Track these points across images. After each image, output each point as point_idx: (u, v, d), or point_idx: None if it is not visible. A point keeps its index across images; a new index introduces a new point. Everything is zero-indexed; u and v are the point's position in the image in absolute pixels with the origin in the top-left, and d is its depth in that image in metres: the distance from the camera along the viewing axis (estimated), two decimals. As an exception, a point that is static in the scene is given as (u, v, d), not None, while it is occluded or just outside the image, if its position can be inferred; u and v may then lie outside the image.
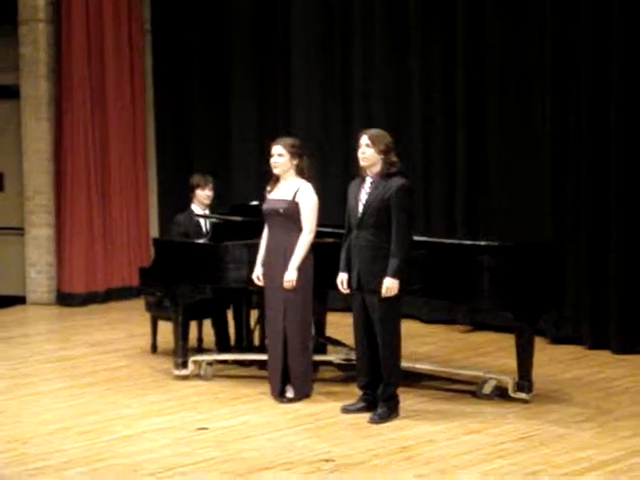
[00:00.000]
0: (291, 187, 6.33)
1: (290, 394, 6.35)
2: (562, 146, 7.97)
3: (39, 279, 10.12)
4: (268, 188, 6.43)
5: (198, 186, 7.57)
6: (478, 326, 8.49)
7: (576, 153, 7.86)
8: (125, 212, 10.31)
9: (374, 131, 6.04)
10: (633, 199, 7.58)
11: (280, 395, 6.36)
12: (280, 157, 6.33)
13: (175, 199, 9.89)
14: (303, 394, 6.35)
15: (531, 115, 8.18)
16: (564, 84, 7.89)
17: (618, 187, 7.59)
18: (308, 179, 6.35)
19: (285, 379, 6.35)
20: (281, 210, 6.27)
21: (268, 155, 6.40)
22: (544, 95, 8.03)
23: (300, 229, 6.26)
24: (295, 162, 6.34)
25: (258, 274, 6.44)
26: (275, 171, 6.37)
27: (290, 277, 6.23)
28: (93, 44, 9.97)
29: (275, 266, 6.32)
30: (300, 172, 6.35)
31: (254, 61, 10.04)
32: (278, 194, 6.37)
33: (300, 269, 6.23)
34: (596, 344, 7.75)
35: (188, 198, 7.65)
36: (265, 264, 6.40)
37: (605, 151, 7.66)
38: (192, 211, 7.58)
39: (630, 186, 7.58)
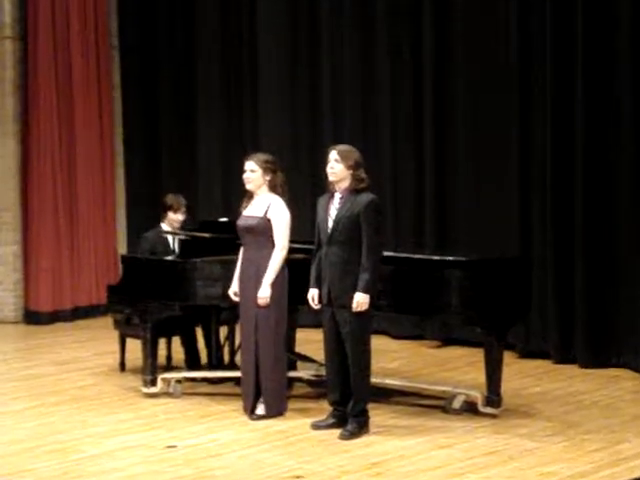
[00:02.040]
0: (263, 203, 6.33)
1: (261, 411, 6.33)
2: (528, 160, 8.05)
3: (5, 297, 10.03)
4: (243, 204, 6.43)
5: (171, 207, 7.54)
6: (447, 341, 8.53)
7: (542, 166, 7.93)
8: (92, 229, 10.26)
9: (343, 147, 6.07)
10: (599, 213, 7.66)
11: (251, 412, 6.34)
12: (252, 173, 6.33)
13: (143, 216, 9.88)
14: (275, 411, 6.33)
15: (498, 133, 8.25)
16: (530, 112, 7.98)
17: (584, 201, 7.67)
18: (282, 195, 6.35)
19: (257, 396, 6.33)
20: (253, 226, 6.27)
21: (241, 171, 6.40)
22: (511, 119, 8.11)
23: (273, 245, 6.26)
24: (268, 178, 6.34)
25: (234, 290, 6.43)
26: (247, 187, 6.37)
27: (264, 294, 6.22)
28: (60, 61, 9.94)
29: (248, 282, 6.31)
30: (273, 188, 6.35)
31: (222, 78, 10.07)
32: (251, 210, 6.37)
33: (273, 285, 6.22)
34: (563, 358, 7.81)
35: (158, 216, 7.62)
36: (239, 280, 6.39)
37: (570, 164, 7.74)
38: (161, 229, 7.56)
39: (597, 199, 7.66)
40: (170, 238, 7.51)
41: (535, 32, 7.92)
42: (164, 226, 7.55)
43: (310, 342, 7.48)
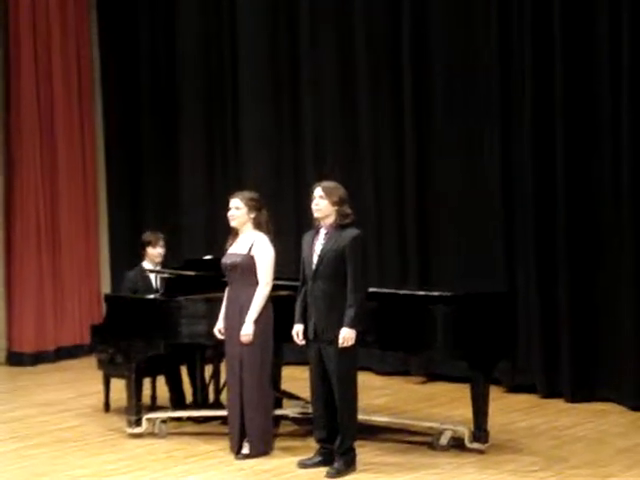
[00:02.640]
0: (247, 240, 6.33)
1: (246, 450, 6.28)
2: (510, 197, 8.08)
3: (-12, 339, 9.95)
4: (228, 242, 6.43)
5: (149, 244, 7.53)
6: (432, 377, 8.51)
7: (523, 204, 7.97)
8: (76, 269, 10.22)
9: (327, 183, 6.09)
10: (584, 249, 7.69)
11: (237, 451, 6.28)
12: (237, 210, 6.34)
13: (126, 255, 9.85)
14: (260, 451, 6.27)
15: (478, 167, 8.31)
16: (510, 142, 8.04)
17: (567, 236, 7.70)
18: (267, 232, 6.36)
19: (243, 435, 6.28)
20: (237, 263, 6.26)
21: (225, 207, 6.40)
22: (493, 146, 8.17)
23: (257, 282, 6.25)
24: (252, 215, 6.35)
25: (220, 327, 6.40)
26: (232, 224, 6.37)
27: (247, 331, 6.19)
28: (42, 94, 9.91)
29: (232, 320, 6.28)
30: (258, 225, 6.36)
31: (203, 113, 10.09)
32: (236, 248, 6.36)
33: (258, 322, 6.20)
34: (550, 393, 7.81)
35: (139, 255, 7.61)
36: (225, 318, 6.37)
37: (552, 199, 7.78)
38: (142, 267, 7.53)
39: (580, 232, 7.69)
40: (152, 276, 7.49)
41: (515, 39, 7.98)
42: (146, 264, 7.53)
43: (295, 379, 7.44)
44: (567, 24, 7.64)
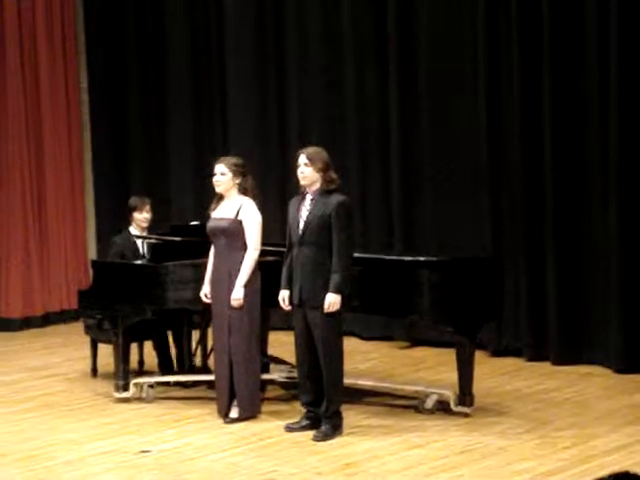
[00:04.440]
0: (234, 205, 6.33)
1: (234, 414, 6.33)
2: (498, 157, 8.08)
3: (-24, 304, 9.94)
4: (212, 207, 6.42)
5: (135, 209, 7.52)
6: (417, 342, 8.56)
7: (512, 166, 7.98)
8: (62, 235, 10.21)
9: (312, 149, 6.08)
10: (570, 210, 7.72)
11: (225, 415, 6.33)
12: (223, 176, 6.34)
13: (112, 221, 9.84)
14: (248, 414, 6.33)
15: (466, 129, 8.30)
16: (497, 105, 8.04)
17: (554, 198, 7.72)
18: (253, 198, 6.35)
19: (231, 399, 6.32)
20: (224, 228, 6.27)
21: (211, 174, 6.39)
22: (480, 118, 8.16)
23: (244, 247, 6.26)
24: (238, 181, 6.34)
25: (206, 292, 6.42)
26: (217, 189, 6.36)
27: (237, 295, 6.21)
28: (27, 68, 9.86)
29: (220, 285, 6.30)
30: (243, 191, 6.35)
31: (190, 81, 10.05)
32: (221, 212, 6.36)
33: (246, 287, 6.22)
34: (535, 356, 7.86)
35: (126, 220, 7.60)
36: (211, 282, 6.38)
37: (539, 162, 7.79)
38: (129, 233, 7.53)
39: (567, 199, 7.72)
40: (139, 242, 7.49)
41: (502, 29, 7.97)
42: (132, 230, 7.53)
43: (282, 344, 7.48)
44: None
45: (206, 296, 6.41)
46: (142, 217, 7.50)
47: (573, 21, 7.61)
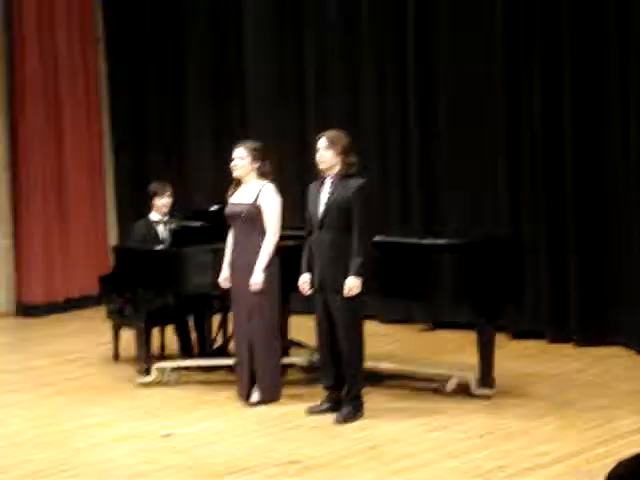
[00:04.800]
0: (253, 190, 6.33)
1: (256, 397, 6.35)
2: (517, 135, 8.02)
3: (-2, 290, 10.01)
4: (229, 192, 6.43)
5: (155, 194, 7.54)
6: (437, 325, 8.54)
7: (532, 146, 7.93)
8: (83, 220, 10.24)
9: (332, 133, 6.06)
10: (590, 193, 7.67)
11: (247, 399, 6.35)
12: (241, 160, 6.33)
13: (133, 206, 9.86)
14: (269, 398, 6.35)
15: (486, 111, 8.25)
16: (516, 90, 7.98)
17: (575, 178, 7.68)
18: (272, 182, 6.35)
19: (252, 382, 6.34)
20: (243, 213, 6.27)
21: (230, 159, 6.39)
22: (497, 102, 8.11)
23: (263, 231, 6.26)
24: (256, 165, 6.34)
25: (225, 276, 6.43)
26: (235, 174, 6.36)
27: (257, 279, 6.22)
28: (46, 54, 9.87)
29: (240, 269, 6.31)
30: (262, 175, 6.35)
31: (209, 70, 10.03)
32: (240, 197, 6.36)
33: (265, 271, 6.23)
34: (557, 338, 7.83)
35: (147, 206, 7.62)
36: (230, 267, 6.39)
37: (561, 146, 7.74)
38: (150, 219, 7.55)
39: (587, 178, 7.67)
40: (160, 228, 7.51)
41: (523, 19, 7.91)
42: (153, 215, 7.55)
43: (303, 328, 7.49)
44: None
45: (225, 281, 6.43)
46: (163, 203, 7.52)
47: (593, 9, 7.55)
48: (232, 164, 6.36)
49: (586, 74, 7.61)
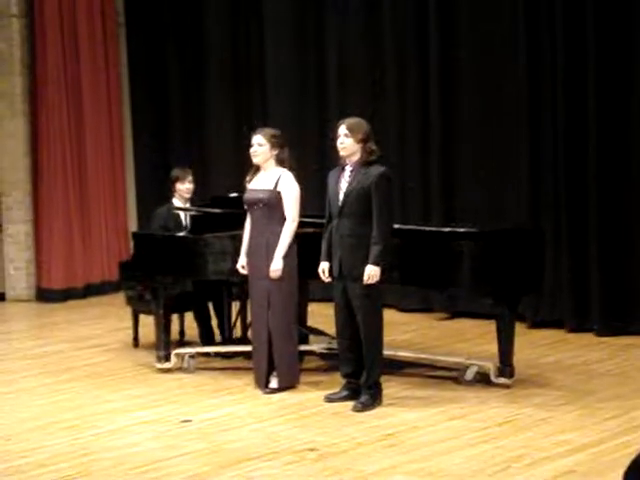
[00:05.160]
0: (272, 176, 6.32)
1: (274, 384, 6.36)
2: (538, 129, 8.00)
3: (18, 275, 10.08)
4: (248, 178, 6.42)
5: (177, 179, 7.55)
6: (456, 313, 8.53)
7: (553, 139, 7.90)
8: (103, 206, 10.29)
9: (352, 120, 6.03)
10: (612, 182, 7.63)
11: (265, 385, 6.36)
12: (260, 147, 6.33)
13: (153, 192, 9.90)
14: (287, 384, 6.36)
15: (507, 107, 8.20)
16: (538, 79, 7.92)
17: (597, 168, 7.65)
18: (290, 169, 6.34)
19: (270, 369, 6.35)
20: (263, 200, 6.27)
21: (249, 146, 6.38)
22: (520, 91, 8.05)
23: (282, 218, 6.26)
24: (275, 152, 6.33)
25: (243, 263, 6.43)
26: (255, 160, 6.36)
27: (276, 266, 6.22)
28: (67, 39, 9.92)
29: (258, 256, 6.31)
30: (281, 162, 6.34)
31: (229, 56, 10.04)
32: (258, 184, 6.36)
33: (284, 258, 6.23)
34: (577, 327, 7.81)
35: (168, 191, 7.63)
36: (248, 254, 6.40)
37: (583, 135, 7.71)
38: (172, 204, 7.57)
39: (609, 168, 7.64)
40: (182, 214, 7.52)
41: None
42: (175, 201, 7.57)
43: (321, 315, 7.50)
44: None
45: (243, 267, 6.43)
46: (184, 188, 7.54)
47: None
48: (251, 150, 6.35)
49: (610, 69, 7.55)
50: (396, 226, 6.21)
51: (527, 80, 7.99)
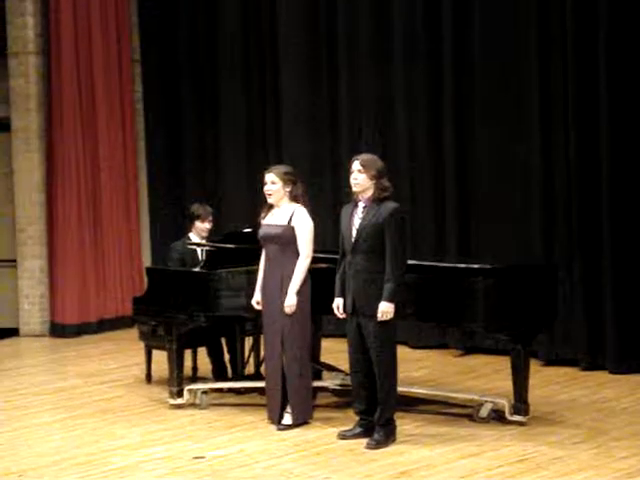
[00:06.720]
0: (286, 212, 6.35)
1: (287, 420, 6.33)
2: (550, 163, 8.00)
3: (32, 311, 10.10)
4: (262, 215, 6.45)
5: (199, 217, 7.58)
6: (470, 350, 8.50)
7: (566, 174, 7.90)
8: (117, 241, 10.32)
9: (366, 156, 6.06)
10: (626, 217, 7.61)
11: (278, 422, 6.34)
12: (273, 185, 6.36)
13: (166, 227, 9.94)
14: (301, 420, 6.34)
15: (519, 143, 8.22)
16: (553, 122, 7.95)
17: (610, 205, 7.62)
18: (304, 205, 6.37)
19: (283, 405, 6.33)
20: (277, 235, 6.28)
21: (262, 184, 6.41)
22: (532, 124, 8.08)
23: (296, 254, 6.27)
24: (288, 189, 6.36)
25: (257, 299, 6.44)
26: (270, 200, 6.38)
27: (290, 302, 6.23)
28: (83, 76, 10.02)
29: (272, 292, 6.32)
30: (294, 198, 6.37)
31: (243, 94, 10.11)
32: (273, 219, 6.38)
33: (298, 294, 6.23)
34: (591, 365, 7.76)
35: (181, 227, 7.65)
36: (262, 289, 6.41)
37: (596, 168, 7.68)
38: (189, 239, 7.58)
39: (623, 203, 7.61)
40: (198, 249, 7.54)
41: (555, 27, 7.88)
42: (192, 236, 7.59)
43: (334, 352, 7.48)
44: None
45: (258, 303, 6.43)
46: (204, 227, 7.57)
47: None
48: (265, 189, 6.38)
49: (623, 104, 7.55)
50: (411, 262, 6.20)
51: (539, 123, 8.00)
